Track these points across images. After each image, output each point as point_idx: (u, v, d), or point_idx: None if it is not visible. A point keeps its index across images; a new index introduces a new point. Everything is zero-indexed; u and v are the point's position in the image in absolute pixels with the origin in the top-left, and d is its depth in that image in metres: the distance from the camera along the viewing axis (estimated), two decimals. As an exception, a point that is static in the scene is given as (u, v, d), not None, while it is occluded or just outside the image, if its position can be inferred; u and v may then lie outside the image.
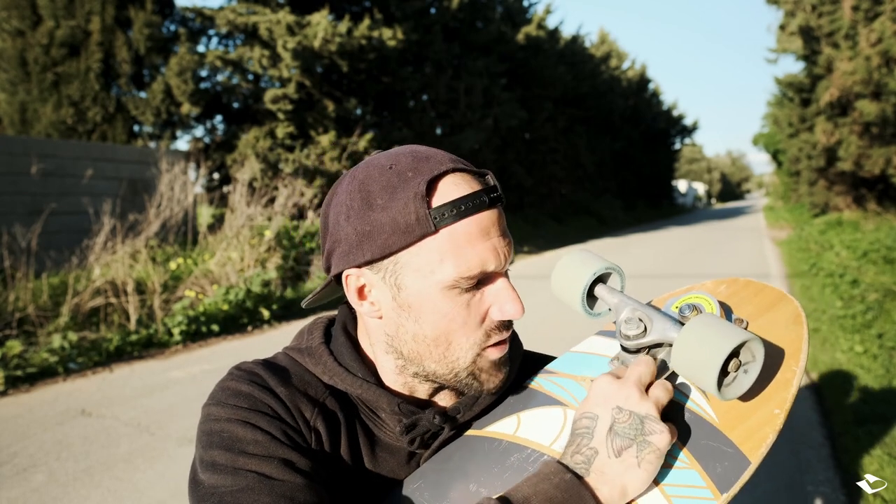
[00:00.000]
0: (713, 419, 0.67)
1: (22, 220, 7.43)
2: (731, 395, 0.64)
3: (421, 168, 0.70)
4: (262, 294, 7.42)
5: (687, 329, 0.65)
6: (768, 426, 0.64)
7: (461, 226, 0.68)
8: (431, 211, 0.68)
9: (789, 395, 0.65)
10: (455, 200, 0.68)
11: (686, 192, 57.47)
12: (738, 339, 0.61)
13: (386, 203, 0.69)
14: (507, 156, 19.17)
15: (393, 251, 0.69)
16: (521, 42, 18.52)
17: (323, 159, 12.33)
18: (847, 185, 16.69)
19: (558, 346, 4.91)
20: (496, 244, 0.70)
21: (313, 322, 0.86)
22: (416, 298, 0.71)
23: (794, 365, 0.67)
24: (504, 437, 0.75)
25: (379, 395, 0.76)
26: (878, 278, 7.63)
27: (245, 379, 0.74)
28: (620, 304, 0.74)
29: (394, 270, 0.71)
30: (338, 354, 0.79)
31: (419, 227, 0.68)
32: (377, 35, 12.49)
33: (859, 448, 3.36)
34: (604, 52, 29.55)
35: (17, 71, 11.71)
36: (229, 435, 0.69)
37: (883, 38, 12.39)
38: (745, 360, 0.64)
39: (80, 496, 3.14)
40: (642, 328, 0.70)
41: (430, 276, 0.69)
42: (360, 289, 0.75)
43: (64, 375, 5.23)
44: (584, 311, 0.78)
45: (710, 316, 0.66)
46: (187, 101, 11.97)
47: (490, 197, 0.71)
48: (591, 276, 0.76)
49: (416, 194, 0.68)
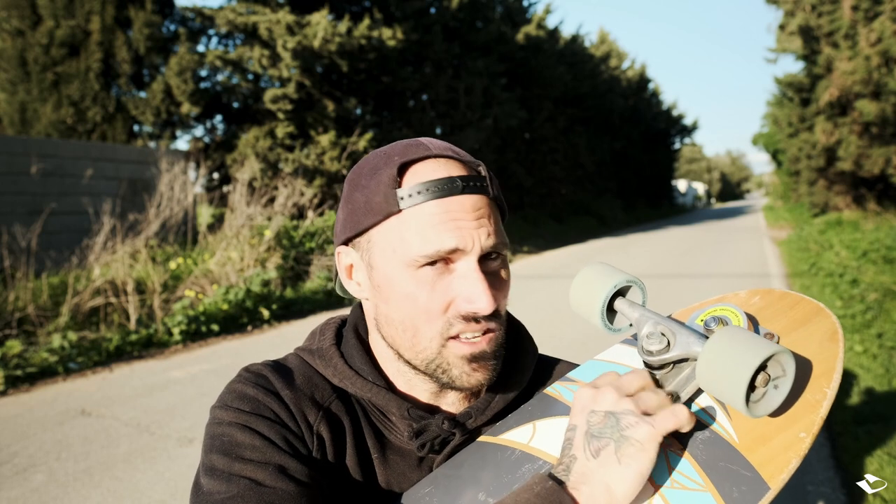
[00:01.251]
0: (733, 439, 0.64)
1: (22, 220, 7.43)
2: (760, 411, 0.60)
3: (407, 153, 0.72)
4: (261, 294, 7.42)
5: (711, 342, 0.61)
6: (792, 450, 0.59)
7: (427, 206, 0.69)
8: (399, 191, 0.69)
9: (818, 419, 0.60)
10: (424, 182, 0.69)
11: (686, 192, 57.48)
12: (765, 351, 0.58)
13: (366, 183, 0.72)
14: (507, 156, 19.17)
15: (364, 229, 0.72)
16: (521, 42, 18.52)
17: (323, 159, 12.33)
18: (847, 185, 16.70)
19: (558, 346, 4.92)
20: (463, 226, 0.69)
21: (325, 322, 0.86)
22: (384, 278, 0.72)
23: (825, 385, 0.62)
24: (517, 447, 0.73)
25: (388, 399, 0.75)
26: (878, 278, 7.63)
27: (251, 381, 0.74)
28: (642, 319, 0.71)
29: (367, 248, 0.73)
30: (348, 356, 0.79)
31: (386, 205, 0.70)
32: (377, 35, 12.49)
33: (859, 448, 3.37)
34: (604, 52, 29.55)
35: (17, 71, 11.71)
36: (229, 439, 0.69)
37: (883, 37, 12.39)
38: (775, 374, 0.60)
39: (80, 496, 3.14)
40: (665, 343, 0.67)
41: (392, 254, 0.70)
42: (348, 268, 0.77)
43: (64, 375, 5.23)
44: (604, 326, 0.75)
45: (736, 328, 0.62)
46: (187, 101, 11.97)
47: (467, 184, 0.70)
48: (610, 290, 0.73)
49: (389, 175, 0.70)
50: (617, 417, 0.62)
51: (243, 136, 12.79)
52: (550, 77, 19.75)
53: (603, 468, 0.61)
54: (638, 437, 0.60)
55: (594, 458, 0.61)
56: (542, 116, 20.58)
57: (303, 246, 9.07)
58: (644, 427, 0.61)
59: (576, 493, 0.60)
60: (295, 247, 8.93)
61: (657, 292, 8.24)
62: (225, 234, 8.59)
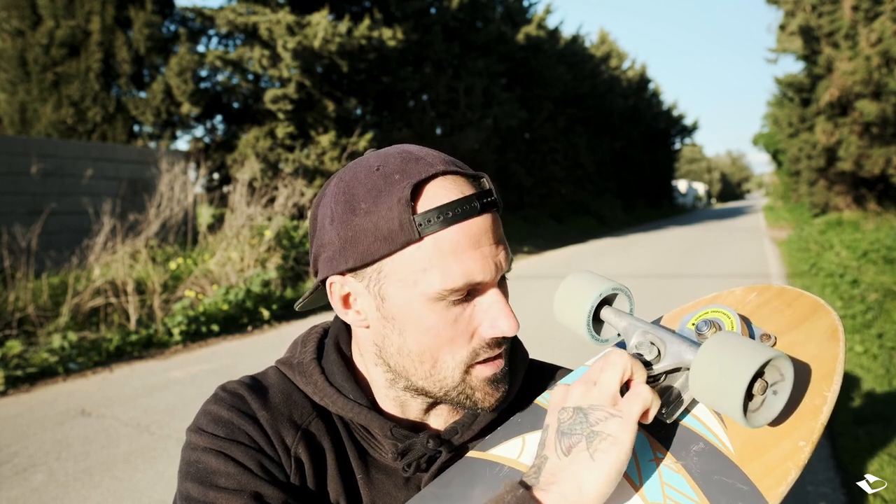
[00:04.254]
0: (729, 450, 0.60)
1: (22, 220, 7.44)
2: (760, 421, 0.57)
3: (409, 170, 0.66)
4: (262, 294, 7.42)
5: (703, 351, 0.58)
6: (791, 461, 0.56)
7: (448, 233, 0.64)
8: (416, 217, 0.64)
9: (818, 426, 0.56)
10: (442, 206, 0.64)
11: (686, 192, 57.49)
12: (760, 358, 0.54)
13: (370, 207, 0.66)
14: (507, 156, 19.18)
15: (375, 259, 0.66)
16: (521, 42, 18.53)
17: (323, 159, 12.34)
18: (847, 185, 16.71)
19: (557, 347, 4.91)
20: (487, 253, 0.66)
21: (308, 333, 0.83)
22: (400, 310, 0.67)
23: (825, 389, 0.58)
24: (507, 462, 0.69)
25: (371, 418, 0.73)
26: (878, 278, 7.63)
27: (226, 403, 0.72)
28: (630, 328, 0.68)
29: (377, 279, 0.68)
30: (329, 373, 0.76)
31: (402, 233, 0.64)
32: (377, 35, 12.49)
33: (859, 448, 3.37)
34: (604, 52, 29.55)
35: (17, 71, 11.71)
36: (204, 466, 0.68)
37: (883, 38, 12.40)
38: (773, 379, 0.57)
39: (80, 496, 3.14)
40: (655, 352, 0.64)
41: (413, 286, 0.65)
42: (344, 297, 0.72)
43: (64, 375, 5.23)
44: (591, 336, 0.71)
45: (729, 334, 0.59)
46: (187, 101, 11.98)
47: (482, 202, 0.66)
48: (595, 299, 0.70)
49: (400, 199, 0.64)
50: (585, 413, 0.59)
51: (243, 137, 12.79)
52: (550, 77, 19.75)
53: (573, 465, 0.58)
54: (609, 431, 0.57)
55: (566, 455, 0.59)
56: (542, 116, 20.58)
57: (303, 246, 9.07)
58: (615, 421, 0.58)
59: (544, 494, 0.57)
60: (295, 247, 8.93)
61: (657, 292, 8.24)
62: (225, 234, 8.59)
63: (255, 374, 0.78)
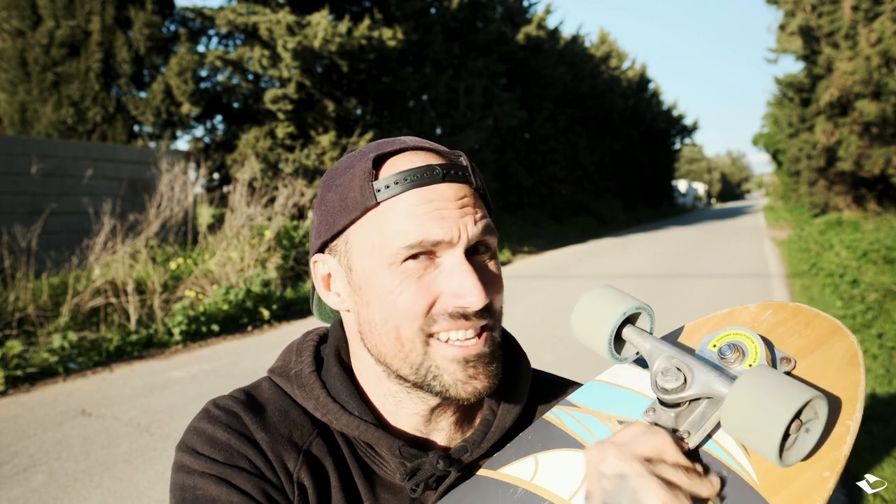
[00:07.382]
0: (753, 480, 0.58)
1: (22, 220, 7.44)
2: (792, 459, 0.55)
3: (382, 147, 0.68)
4: (262, 294, 7.42)
5: (739, 388, 0.56)
6: (816, 492, 0.54)
7: (406, 196, 0.64)
8: (375, 183, 0.64)
9: (841, 456, 0.55)
10: (401, 172, 0.65)
11: (686, 192, 57.47)
12: (801, 399, 0.52)
13: (340, 181, 0.68)
14: (507, 156, 19.17)
15: (340, 229, 0.67)
16: (521, 42, 18.54)
17: (323, 159, 12.33)
18: (847, 185, 16.71)
19: (557, 346, 4.90)
20: (447, 216, 0.64)
21: (303, 340, 0.79)
22: (364, 278, 0.67)
23: (847, 418, 0.56)
24: (520, 484, 0.67)
25: (378, 437, 0.69)
26: (878, 278, 7.63)
27: (222, 423, 0.68)
28: (654, 351, 0.65)
29: (345, 251, 0.68)
30: (331, 387, 0.72)
31: (362, 200, 0.65)
32: (377, 35, 12.49)
33: (859, 448, 3.36)
34: (604, 52, 29.56)
35: (17, 71, 11.71)
36: (203, 494, 0.64)
37: (883, 38, 12.39)
38: (807, 418, 0.55)
39: (80, 496, 3.14)
40: (682, 380, 0.62)
41: (372, 252, 0.65)
42: (325, 278, 0.71)
43: (64, 375, 5.23)
44: (612, 356, 0.69)
45: (765, 370, 0.57)
46: (187, 101, 11.98)
47: (447, 172, 0.65)
48: (619, 318, 0.67)
49: (363, 169, 0.66)
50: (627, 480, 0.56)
51: (243, 137, 12.79)
52: (550, 77, 19.76)
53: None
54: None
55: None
56: (542, 116, 20.58)
57: (303, 246, 9.07)
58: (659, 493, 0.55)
59: None
60: (295, 247, 8.93)
61: (658, 292, 8.24)
62: (225, 234, 8.59)
63: (247, 388, 0.74)
